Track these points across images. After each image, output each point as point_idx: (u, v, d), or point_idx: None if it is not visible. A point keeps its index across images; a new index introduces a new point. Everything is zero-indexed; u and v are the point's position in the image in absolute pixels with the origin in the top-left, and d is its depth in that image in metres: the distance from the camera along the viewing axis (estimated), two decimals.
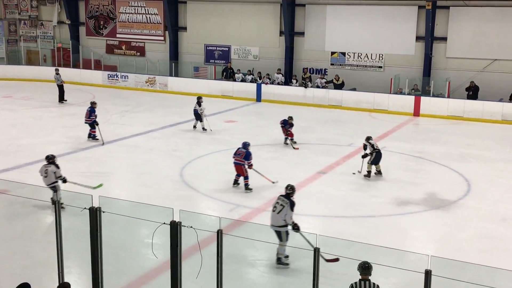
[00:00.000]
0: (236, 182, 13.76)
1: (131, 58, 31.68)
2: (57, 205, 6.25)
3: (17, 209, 11.34)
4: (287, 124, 17.90)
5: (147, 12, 31.22)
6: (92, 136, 18.23)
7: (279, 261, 9.28)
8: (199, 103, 20.19)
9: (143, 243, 10.35)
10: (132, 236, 10.60)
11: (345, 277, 8.92)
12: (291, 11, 27.68)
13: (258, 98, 26.97)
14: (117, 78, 30.45)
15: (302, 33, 27.82)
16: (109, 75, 30.59)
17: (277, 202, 9.51)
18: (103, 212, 6.02)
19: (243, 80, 27.85)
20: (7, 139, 18.12)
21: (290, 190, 9.66)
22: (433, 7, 24.42)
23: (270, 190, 13.47)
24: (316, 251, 4.98)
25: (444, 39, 25.10)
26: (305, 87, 26.26)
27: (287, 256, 9.25)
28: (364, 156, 14.77)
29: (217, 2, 29.48)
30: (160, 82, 29.42)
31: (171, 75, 29.80)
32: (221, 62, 29.58)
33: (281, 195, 9.65)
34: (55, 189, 11.51)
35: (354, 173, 14.80)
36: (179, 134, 19.74)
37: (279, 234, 9.29)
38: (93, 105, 18.47)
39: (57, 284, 6.27)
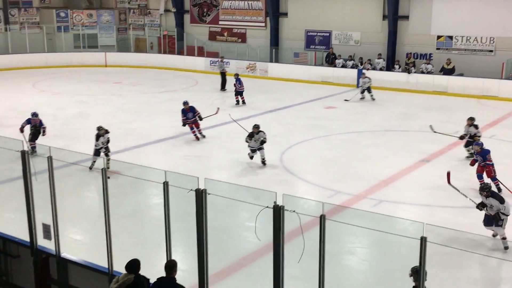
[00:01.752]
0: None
1: (232, 45, 32.21)
2: (165, 186, 6.51)
3: (127, 188, 11.95)
4: None
5: None
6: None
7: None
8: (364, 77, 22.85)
9: (243, 226, 10.57)
10: (233, 219, 10.84)
11: (450, 269, 8.64)
12: None
13: (359, 84, 26.49)
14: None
15: (406, 17, 26.92)
16: (211, 62, 31.31)
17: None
18: (209, 194, 6.19)
19: (343, 66, 27.49)
20: (118, 122, 19.09)
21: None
22: None
23: (369, 178, 13.27)
24: (423, 240, 4.85)
25: None
26: (409, 72, 25.49)
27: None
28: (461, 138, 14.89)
29: None
30: (260, 68, 29.70)
31: (271, 61, 29.99)
32: (322, 48, 29.34)
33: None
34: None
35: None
36: (279, 120, 19.86)
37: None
38: (236, 76, 22.87)
39: (165, 262, 6.55)
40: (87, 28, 34.71)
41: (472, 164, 12.69)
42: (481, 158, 12.37)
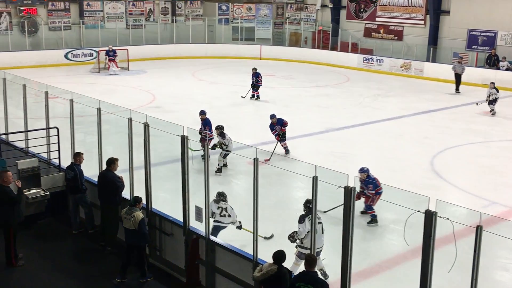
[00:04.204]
0: None
1: (387, 42, 31.43)
2: (315, 181, 6.52)
3: (274, 179, 12.18)
4: None
5: None
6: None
7: None
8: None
9: (389, 228, 10.32)
10: (379, 219, 10.58)
11: None
12: None
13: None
14: (372, 62, 30.56)
15: None
16: (364, 59, 30.86)
17: None
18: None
19: (508, 69, 25.61)
20: (268, 114, 19.36)
21: None
22: None
23: None
24: None
25: None
26: None
27: None
28: None
29: None
30: (415, 67, 28.70)
31: (428, 60, 28.81)
32: (485, 49, 27.57)
33: None
34: None
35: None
36: (431, 122, 19.07)
37: None
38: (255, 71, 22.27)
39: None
40: (246, 21, 35.92)
41: (358, 197, 10.25)
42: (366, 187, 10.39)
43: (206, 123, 14.22)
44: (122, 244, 9.08)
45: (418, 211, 5.52)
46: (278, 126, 14.63)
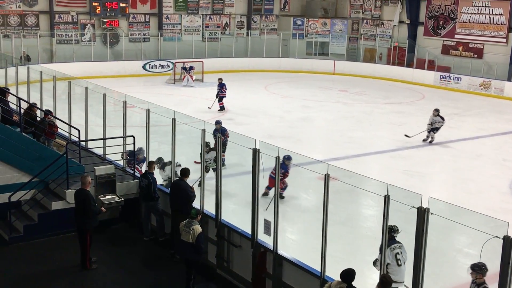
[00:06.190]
0: None
1: (466, 60, 30.46)
2: (387, 200, 6.39)
3: (344, 196, 12.02)
4: None
5: (491, 13, 29.49)
6: None
7: None
8: None
9: (462, 252, 9.96)
10: (450, 242, 10.26)
11: None
12: None
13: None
14: (449, 80, 29.73)
15: None
16: (441, 76, 30.07)
17: None
18: (431, 214, 5.94)
19: None
20: (340, 130, 19.39)
21: None
22: None
23: None
24: None
25: None
26: None
27: None
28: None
29: None
30: (495, 87, 27.67)
31: (509, 80, 27.71)
32: None
33: None
34: None
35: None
36: (511, 143, 18.31)
37: None
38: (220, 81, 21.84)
39: (378, 275, 6.46)
40: (320, 36, 35.87)
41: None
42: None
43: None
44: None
45: (496, 236, 5.29)
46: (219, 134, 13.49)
